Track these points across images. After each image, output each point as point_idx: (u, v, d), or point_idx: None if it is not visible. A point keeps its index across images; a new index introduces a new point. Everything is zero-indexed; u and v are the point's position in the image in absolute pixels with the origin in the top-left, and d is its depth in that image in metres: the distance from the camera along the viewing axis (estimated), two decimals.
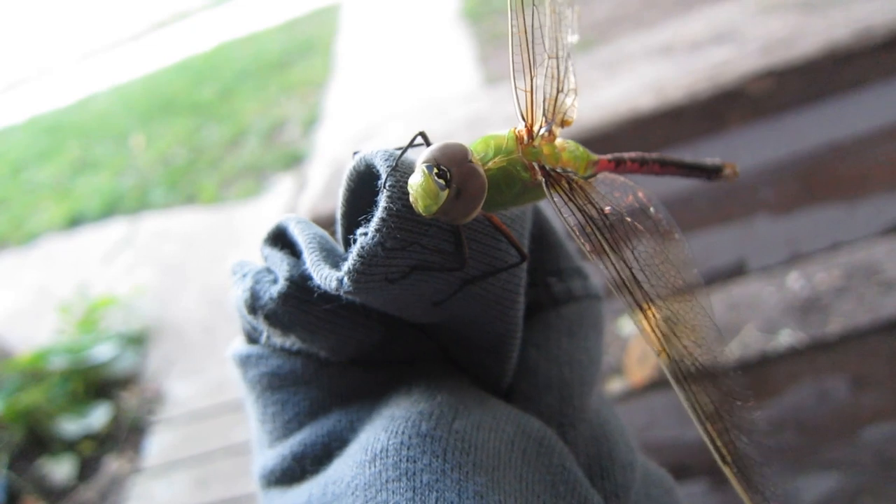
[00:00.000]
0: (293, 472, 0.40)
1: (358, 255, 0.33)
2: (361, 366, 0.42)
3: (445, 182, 0.33)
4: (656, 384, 1.06)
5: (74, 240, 4.63)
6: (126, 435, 2.89)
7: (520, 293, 0.40)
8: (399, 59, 5.44)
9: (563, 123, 0.42)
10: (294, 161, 4.45)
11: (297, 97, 5.46)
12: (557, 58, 0.42)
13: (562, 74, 0.42)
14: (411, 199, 0.33)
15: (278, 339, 0.42)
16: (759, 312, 2.30)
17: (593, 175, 0.43)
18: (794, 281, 2.33)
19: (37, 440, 2.94)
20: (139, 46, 8.62)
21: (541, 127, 0.40)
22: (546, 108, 0.41)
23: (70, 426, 2.89)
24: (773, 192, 0.89)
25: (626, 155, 0.45)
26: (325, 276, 0.35)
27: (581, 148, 0.41)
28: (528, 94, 0.39)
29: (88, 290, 3.55)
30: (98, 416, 2.90)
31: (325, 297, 0.37)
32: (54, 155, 6.12)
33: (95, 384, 3.11)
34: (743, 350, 2.13)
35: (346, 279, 0.34)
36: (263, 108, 5.46)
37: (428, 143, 0.38)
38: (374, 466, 0.35)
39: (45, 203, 5.25)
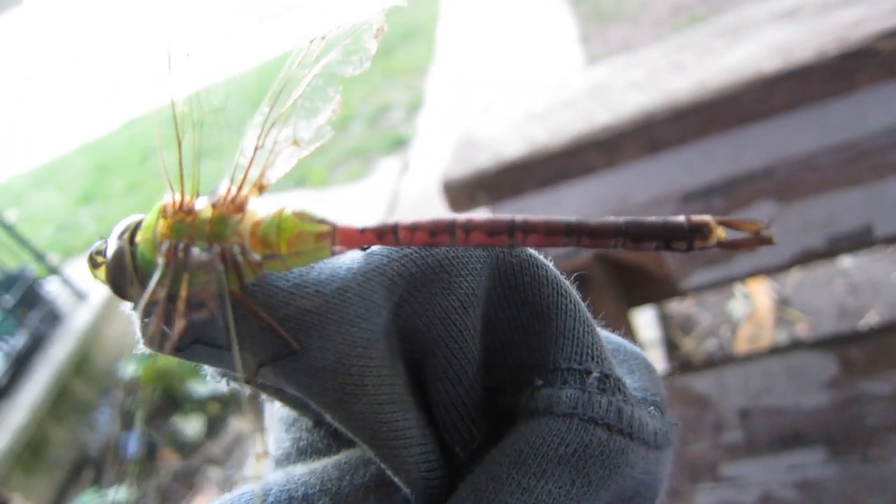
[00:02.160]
0: None
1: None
2: (324, 426, 0.38)
3: (103, 260, 0.32)
4: (776, 349, 1.06)
5: None
6: (248, 398, 3.12)
7: (356, 383, 0.30)
8: (501, 42, 5.46)
9: (260, 188, 0.34)
10: (398, 144, 4.59)
11: (401, 82, 5.60)
12: (269, 109, 0.35)
13: (268, 128, 0.35)
14: None
15: None
16: (883, 297, 2.19)
17: (324, 252, 0.32)
18: None
19: (171, 400, 3.23)
20: (249, 41, 9.06)
21: (194, 197, 0.34)
22: (235, 171, 0.34)
23: (199, 388, 3.15)
24: None
25: (401, 223, 0.31)
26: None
27: (294, 219, 0.32)
28: (178, 161, 0.34)
29: None
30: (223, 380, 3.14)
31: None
32: (176, 142, 6.57)
33: None
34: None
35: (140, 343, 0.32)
36: (368, 94, 5.64)
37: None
38: None
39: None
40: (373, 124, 5.08)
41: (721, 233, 0.29)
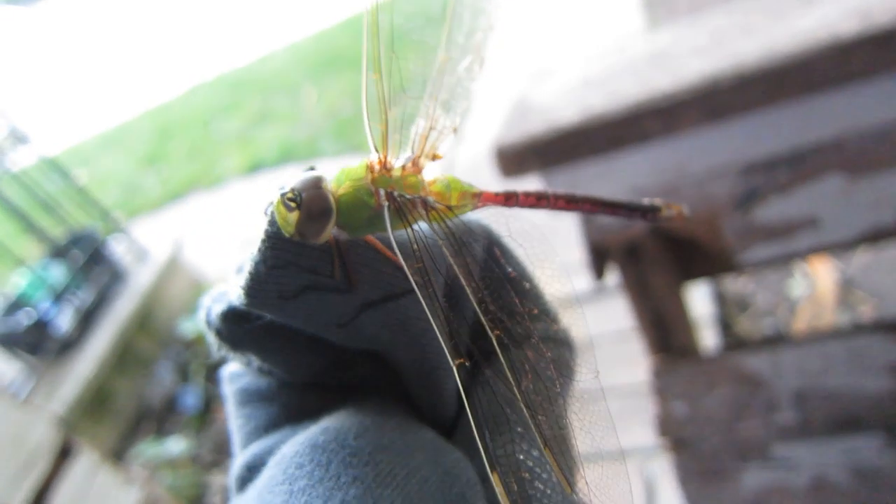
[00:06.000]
0: (244, 478, 0.43)
1: (247, 272, 0.37)
2: (317, 389, 0.45)
3: (296, 205, 0.37)
4: (836, 331, 1.02)
5: (255, 184, 5.10)
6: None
7: (428, 321, 0.38)
8: (558, 11, 5.33)
9: (434, 157, 0.45)
10: None
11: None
12: (435, 100, 0.45)
13: (436, 114, 0.45)
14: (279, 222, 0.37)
15: (232, 357, 0.45)
16: None
17: (473, 207, 0.45)
18: None
19: (227, 358, 3.34)
20: (312, 7, 9.10)
21: (398, 159, 0.43)
22: (415, 142, 0.44)
23: None
24: None
25: (519, 189, 0.46)
26: (234, 293, 0.39)
27: (459, 182, 0.44)
28: (383, 129, 0.43)
29: None
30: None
31: (259, 316, 0.40)
32: (237, 108, 6.72)
33: None
34: None
35: (241, 294, 0.38)
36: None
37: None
38: (271, 471, 0.38)
39: (230, 151, 5.81)
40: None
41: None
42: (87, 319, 3.52)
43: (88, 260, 3.64)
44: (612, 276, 1.19)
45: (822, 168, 0.90)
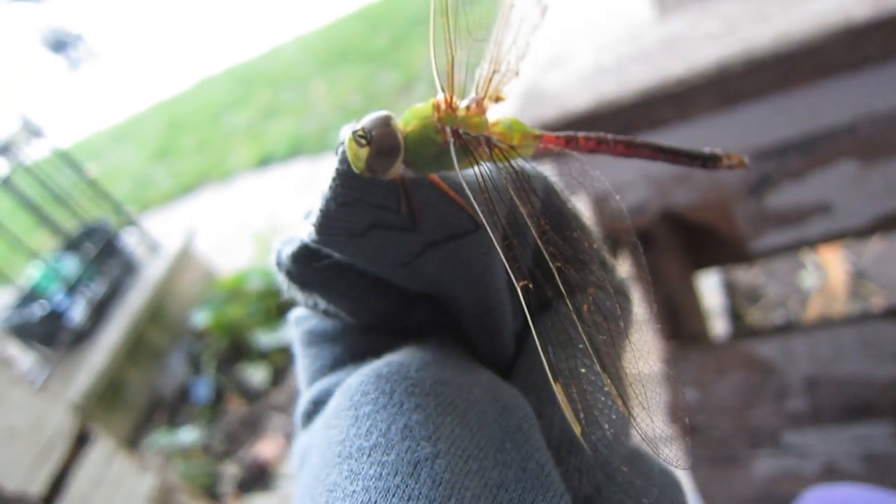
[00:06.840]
0: (311, 412, 0.46)
1: (319, 209, 0.39)
2: (379, 332, 0.47)
3: (366, 141, 0.38)
4: (848, 318, 1.02)
5: (265, 177, 5.12)
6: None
7: (489, 261, 0.42)
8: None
9: (497, 99, 0.46)
10: None
11: (466, 41, 5.53)
12: (498, 44, 0.47)
13: (501, 57, 0.47)
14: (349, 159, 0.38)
15: (300, 297, 0.47)
16: None
17: (535, 149, 0.46)
18: None
19: (238, 349, 3.37)
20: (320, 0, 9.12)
21: (464, 100, 0.44)
22: (479, 84, 0.46)
23: (264, 338, 3.26)
24: None
25: (580, 133, 0.46)
26: (305, 231, 0.41)
27: (521, 123, 0.45)
28: (449, 70, 0.44)
29: (278, 221, 3.95)
30: (287, 332, 3.25)
31: (327, 256, 0.42)
32: (247, 101, 6.74)
33: (286, 304, 3.47)
34: None
35: (312, 231, 0.40)
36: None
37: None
38: (337, 399, 0.41)
39: (239, 144, 5.83)
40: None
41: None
42: (100, 311, 3.56)
43: (101, 252, 3.67)
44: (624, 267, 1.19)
45: (835, 154, 0.90)
